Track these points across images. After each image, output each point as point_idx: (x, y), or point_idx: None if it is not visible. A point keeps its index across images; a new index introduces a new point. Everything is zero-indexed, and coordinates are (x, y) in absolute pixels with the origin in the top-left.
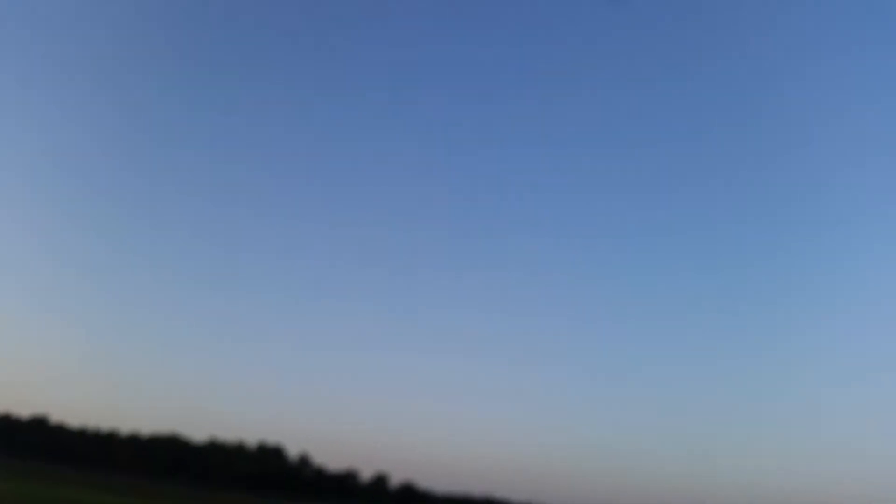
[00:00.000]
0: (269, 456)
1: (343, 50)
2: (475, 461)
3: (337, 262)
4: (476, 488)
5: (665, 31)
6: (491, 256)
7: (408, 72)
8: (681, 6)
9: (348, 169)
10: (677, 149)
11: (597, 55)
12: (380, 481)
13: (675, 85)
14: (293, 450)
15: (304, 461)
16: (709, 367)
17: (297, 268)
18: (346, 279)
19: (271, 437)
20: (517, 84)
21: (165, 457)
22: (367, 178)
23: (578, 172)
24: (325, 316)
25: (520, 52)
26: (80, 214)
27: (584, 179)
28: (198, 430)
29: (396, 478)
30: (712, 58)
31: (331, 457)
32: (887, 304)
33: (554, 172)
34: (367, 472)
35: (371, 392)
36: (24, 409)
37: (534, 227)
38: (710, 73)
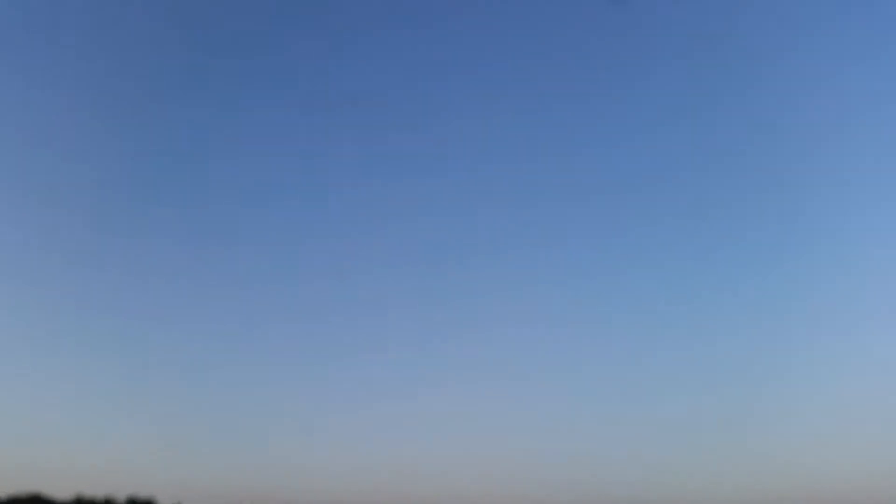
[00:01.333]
0: None
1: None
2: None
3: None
4: None
5: (664, 32)
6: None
7: (397, 72)
8: (681, 6)
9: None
10: (676, 150)
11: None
12: None
13: (670, 85)
14: (165, 502)
15: None
16: (710, 373)
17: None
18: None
19: (142, 490)
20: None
21: None
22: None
23: (567, 176)
24: (197, 357)
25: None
26: None
27: (575, 183)
28: (62, 488)
29: None
30: (712, 58)
31: None
32: None
33: (541, 178)
34: None
35: (250, 432)
36: None
37: (528, 233)
38: (709, 73)
